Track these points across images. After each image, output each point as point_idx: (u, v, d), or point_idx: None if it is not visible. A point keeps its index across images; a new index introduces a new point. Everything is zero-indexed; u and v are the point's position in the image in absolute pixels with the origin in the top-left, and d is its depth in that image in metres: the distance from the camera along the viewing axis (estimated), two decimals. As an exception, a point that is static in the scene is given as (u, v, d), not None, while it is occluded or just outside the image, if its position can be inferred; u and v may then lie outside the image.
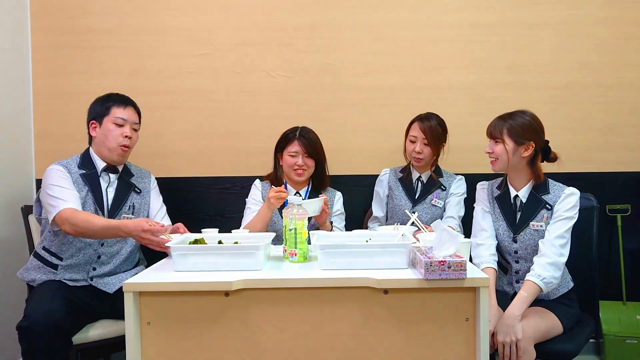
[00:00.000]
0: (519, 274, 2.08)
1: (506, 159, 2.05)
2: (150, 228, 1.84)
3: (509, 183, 2.14)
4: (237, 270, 1.65)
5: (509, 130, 2.04)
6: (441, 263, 1.49)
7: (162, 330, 1.57)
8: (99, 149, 2.23)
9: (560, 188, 2.08)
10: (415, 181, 2.56)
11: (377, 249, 1.64)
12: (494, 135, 2.08)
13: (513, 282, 2.10)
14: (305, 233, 1.77)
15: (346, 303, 1.56)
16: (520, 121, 2.05)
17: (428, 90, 2.84)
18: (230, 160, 2.87)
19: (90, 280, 2.16)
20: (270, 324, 1.57)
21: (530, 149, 2.04)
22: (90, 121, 2.23)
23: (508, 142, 2.04)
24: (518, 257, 2.08)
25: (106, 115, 2.20)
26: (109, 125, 2.19)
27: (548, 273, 1.92)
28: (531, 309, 1.97)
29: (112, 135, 2.19)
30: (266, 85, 2.84)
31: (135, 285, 1.55)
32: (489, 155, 2.11)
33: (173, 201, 2.79)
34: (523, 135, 2.03)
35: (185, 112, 2.85)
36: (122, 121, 2.21)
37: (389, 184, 2.60)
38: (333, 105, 2.85)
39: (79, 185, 2.16)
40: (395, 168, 2.65)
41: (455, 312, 1.55)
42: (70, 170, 2.18)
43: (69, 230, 2.00)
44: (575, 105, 2.84)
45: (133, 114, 2.27)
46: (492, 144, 2.10)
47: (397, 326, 1.56)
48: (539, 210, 2.05)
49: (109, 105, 2.22)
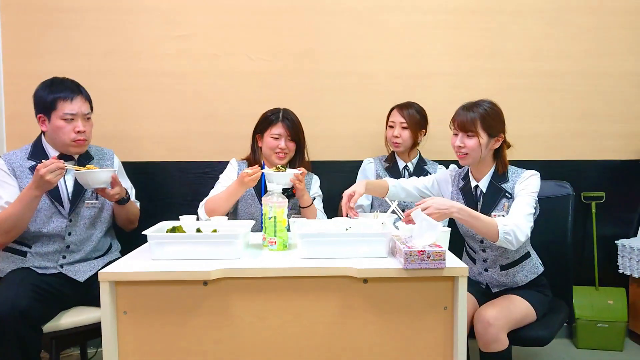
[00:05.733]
0: (487, 262, 2.08)
1: (479, 154, 1.97)
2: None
3: (470, 173, 2.11)
4: (215, 258, 1.63)
5: (482, 122, 1.94)
6: (420, 253, 1.50)
7: (139, 320, 1.55)
8: (52, 141, 2.13)
9: (519, 173, 2.02)
10: (402, 170, 2.57)
11: (358, 237, 1.64)
12: (467, 128, 1.95)
13: (482, 271, 2.10)
14: (284, 221, 1.76)
15: (326, 292, 1.56)
16: (491, 112, 1.97)
17: (410, 77, 2.83)
18: (209, 144, 2.82)
19: (60, 268, 2.11)
20: (249, 313, 1.56)
21: (500, 140, 2.00)
22: (38, 114, 2.09)
23: (482, 135, 1.95)
24: (485, 247, 2.07)
25: (53, 110, 2.05)
26: (57, 122, 2.05)
27: (511, 227, 1.81)
28: (503, 297, 2.00)
29: (63, 132, 2.06)
30: (246, 69, 2.79)
31: (111, 274, 1.52)
32: (458, 149, 1.99)
33: (150, 185, 2.76)
34: (495, 127, 1.97)
35: (162, 95, 2.79)
36: (71, 116, 2.06)
37: (377, 173, 2.59)
38: (314, 90, 2.82)
39: (26, 179, 2.05)
40: (379, 157, 2.66)
41: (434, 301, 1.56)
42: (13, 163, 2.08)
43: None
44: (554, 93, 2.86)
45: (82, 104, 2.10)
46: (462, 137, 1.97)
47: (376, 315, 1.57)
48: (499, 200, 2.00)
49: (54, 99, 2.05)
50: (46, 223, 2.09)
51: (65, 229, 2.12)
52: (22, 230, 2.03)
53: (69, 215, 2.12)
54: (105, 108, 2.67)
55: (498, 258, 2.05)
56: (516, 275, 2.06)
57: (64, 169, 1.95)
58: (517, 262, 2.06)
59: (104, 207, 2.24)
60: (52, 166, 1.90)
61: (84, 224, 2.16)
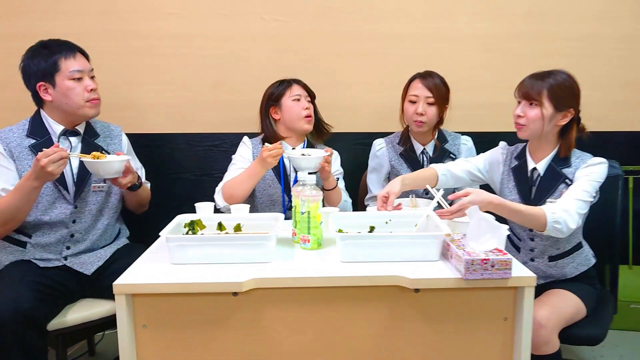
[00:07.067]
0: (534, 252, 1.90)
1: (540, 126, 1.78)
2: None
3: (528, 153, 1.91)
4: (244, 262, 1.43)
5: (549, 92, 1.75)
6: (484, 262, 1.31)
7: (160, 334, 1.37)
8: (57, 112, 1.90)
9: (583, 159, 1.83)
10: (419, 155, 2.26)
11: (406, 240, 1.44)
12: (531, 96, 1.76)
13: (527, 261, 1.91)
14: (319, 217, 1.55)
15: (371, 302, 1.38)
16: (563, 83, 1.78)
17: (437, 40, 2.55)
18: (218, 114, 2.57)
19: (64, 260, 1.91)
20: (284, 325, 1.38)
21: (568, 117, 1.80)
22: (37, 83, 1.86)
23: (547, 106, 1.76)
24: (533, 235, 1.88)
25: (56, 72, 1.83)
26: (66, 84, 1.84)
27: (560, 214, 1.63)
28: (552, 293, 1.82)
29: (74, 93, 1.85)
30: (258, 31, 2.51)
31: (128, 287, 1.33)
32: (517, 119, 1.81)
33: (155, 161, 2.54)
34: (564, 99, 1.77)
35: (166, 60, 2.51)
36: (80, 74, 1.86)
37: (391, 162, 2.28)
38: (333, 54, 2.55)
39: (26, 161, 1.83)
40: (390, 138, 2.33)
41: (493, 311, 1.39)
42: (9, 143, 1.84)
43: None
44: (593, 59, 2.61)
45: (84, 60, 1.91)
46: (524, 106, 1.79)
47: (427, 326, 1.39)
48: (557, 186, 1.81)
49: (55, 60, 1.83)
50: (48, 210, 1.88)
51: (70, 216, 1.91)
52: (20, 222, 1.83)
53: (74, 201, 1.91)
54: (102, 75, 2.34)
55: (548, 248, 1.87)
56: (566, 266, 1.88)
57: (67, 158, 1.73)
58: (568, 252, 1.88)
59: (112, 191, 2.02)
60: (55, 156, 1.68)
61: (89, 211, 1.95)
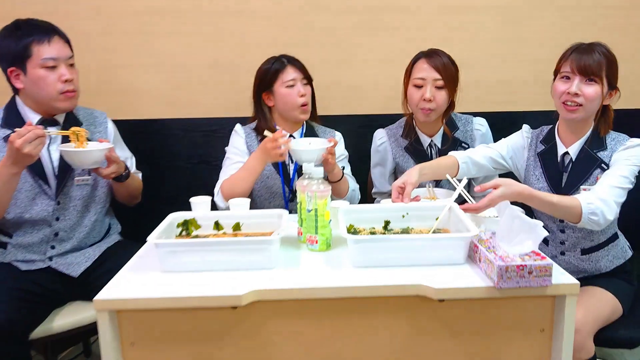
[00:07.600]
0: (564, 245, 1.72)
1: (596, 106, 1.60)
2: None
3: (557, 136, 1.72)
4: (244, 269, 1.26)
5: (608, 67, 1.57)
6: (520, 268, 1.13)
7: (150, 353, 1.21)
8: (31, 101, 1.72)
9: (619, 140, 1.64)
10: (427, 149, 2.01)
11: (429, 242, 1.26)
12: (592, 71, 1.56)
13: (557, 255, 1.74)
14: (328, 215, 1.38)
15: (390, 313, 1.21)
16: (612, 58, 1.59)
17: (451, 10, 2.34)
18: (216, 97, 2.37)
19: (49, 261, 1.75)
20: (291, 340, 1.22)
21: (613, 95, 1.62)
22: (7, 68, 1.67)
23: (605, 83, 1.58)
24: (564, 226, 1.70)
25: (28, 58, 1.65)
26: (37, 72, 1.66)
27: (597, 204, 1.47)
28: (586, 291, 1.64)
29: (46, 83, 1.66)
30: (257, 5, 2.30)
31: (110, 303, 1.15)
32: (573, 97, 1.57)
33: (148, 148, 2.36)
34: (616, 76, 1.60)
35: (158, 38, 2.30)
36: (53, 62, 1.67)
37: (395, 159, 2.06)
38: (338, 28, 2.33)
39: (1, 153, 1.64)
40: (392, 130, 2.08)
41: (528, 322, 1.22)
42: None
43: None
44: (627, 29, 2.40)
45: (62, 46, 1.71)
46: (580, 83, 1.57)
47: (453, 341, 1.23)
48: (592, 171, 1.63)
49: (26, 44, 1.65)
50: (28, 207, 1.72)
51: (53, 213, 1.74)
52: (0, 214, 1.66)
53: (56, 196, 1.74)
54: (88, 56, 2.21)
55: (580, 240, 1.69)
56: (600, 260, 1.70)
57: (45, 136, 1.55)
58: (602, 245, 1.70)
59: (99, 184, 1.85)
60: (30, 135, 1.51)
61: (74, 207, 1.78)
